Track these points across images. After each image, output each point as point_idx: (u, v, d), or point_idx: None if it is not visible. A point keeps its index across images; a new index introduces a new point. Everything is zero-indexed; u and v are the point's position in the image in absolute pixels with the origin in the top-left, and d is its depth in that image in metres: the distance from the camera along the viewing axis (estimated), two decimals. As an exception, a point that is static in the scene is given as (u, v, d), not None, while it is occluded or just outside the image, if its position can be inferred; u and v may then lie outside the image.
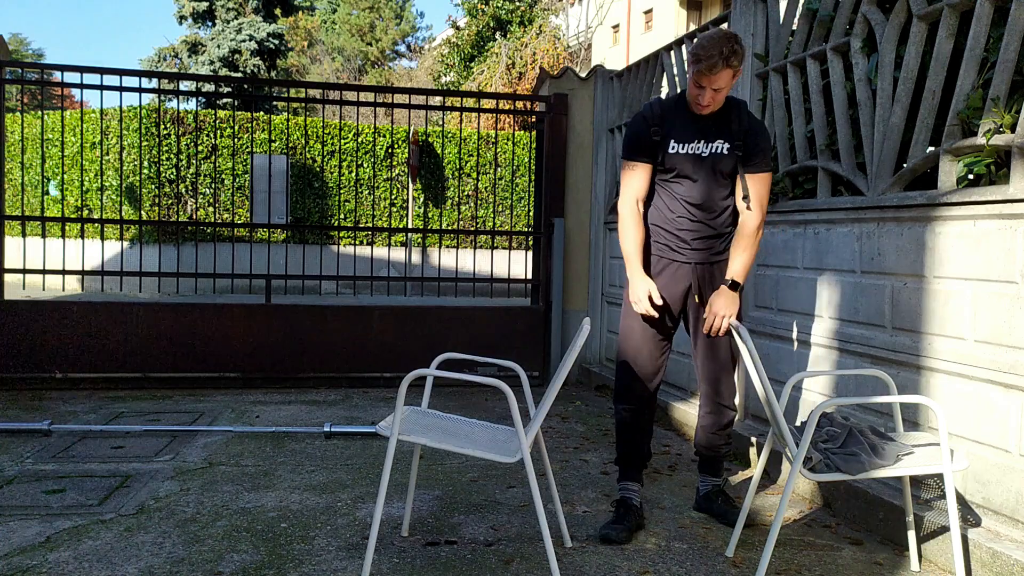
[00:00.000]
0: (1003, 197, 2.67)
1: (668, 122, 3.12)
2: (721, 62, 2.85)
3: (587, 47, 22.84)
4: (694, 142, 3.07)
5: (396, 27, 38.33)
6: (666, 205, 3.17)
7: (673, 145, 3.09)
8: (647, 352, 3.15)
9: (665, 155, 3.11)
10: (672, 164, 3.12)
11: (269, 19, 26.76)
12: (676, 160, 3.10)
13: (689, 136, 3.08)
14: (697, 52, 2.90)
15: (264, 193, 11.21)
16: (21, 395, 5.25)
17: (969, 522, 2.73)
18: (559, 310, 6.18)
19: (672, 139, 3.10)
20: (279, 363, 5.76)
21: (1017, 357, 2.62)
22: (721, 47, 2.85)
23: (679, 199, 3.12)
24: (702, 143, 3.07)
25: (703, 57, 2.86)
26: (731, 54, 2.86)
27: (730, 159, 3.05)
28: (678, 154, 3.09)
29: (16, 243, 11.56)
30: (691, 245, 3.12)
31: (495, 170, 7.52)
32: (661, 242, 3.19)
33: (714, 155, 3.06)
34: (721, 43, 2.87)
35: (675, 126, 3.11)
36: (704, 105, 2.98)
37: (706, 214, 3.10)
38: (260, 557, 2.70)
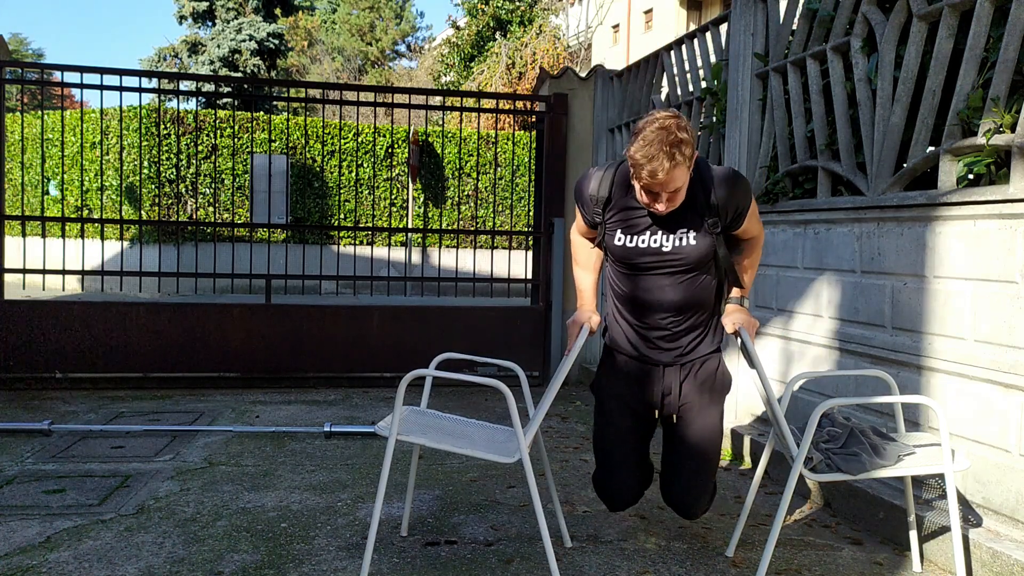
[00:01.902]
0: (1003, 197, 2.67)
1: (616, 204, 2.56)
2: (667, 161, 2.25)
3: (587, 47, 22.84)
4: (648, 234, 2.53)
5: (396, 27, 38.32)
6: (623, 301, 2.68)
7: (620, 237, 2.56)
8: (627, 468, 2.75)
9: (613, 245, 2.58)
10: (624, 258, 2.59)
11: (269, 19, 26.77)
12: (628, 255, 2.57)
13: (642, 227, 2.53)
14: (633, 157, 2.29)
15: (264, 193, 11.21)
16: (21, 395, 5.25)
17: (969, 522, 2.73)
18: (559, 310, 6.18)
19: (619, 230, 2.56)
20: (279, 363, 5.76)
21: (1017, 357, 2.62)
22: (661, 144, 2.24)
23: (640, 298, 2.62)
24: (660, 235, 2.52)
25: (642, 163, 2.27)
26: (675, 146, 2.25)
27: (702, 248, 2.51)
28: (627, 247, 2.56)
29: (16, 243, 11.55)
30: (659, 348, 2.65)
31: (495, 170, 7.51)
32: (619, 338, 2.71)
33: (680, 249, 2.51)
34: (659, 137, 2.24)
35: (625, 209, 2.55)
36: (662, 212, 2.41)
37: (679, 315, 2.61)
38: (260, 557, 2.70)
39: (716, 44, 4.75)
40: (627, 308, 2.67)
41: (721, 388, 2.71)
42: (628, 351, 2.70)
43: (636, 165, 2.30)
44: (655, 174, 2.27)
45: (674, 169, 2.27)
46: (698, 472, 2.68)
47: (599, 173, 2.60)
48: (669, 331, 2.62)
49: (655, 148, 2.24)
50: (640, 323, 2.65)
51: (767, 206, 4.06)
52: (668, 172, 2.27)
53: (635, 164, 2.30)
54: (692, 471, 2.67)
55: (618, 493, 2.77)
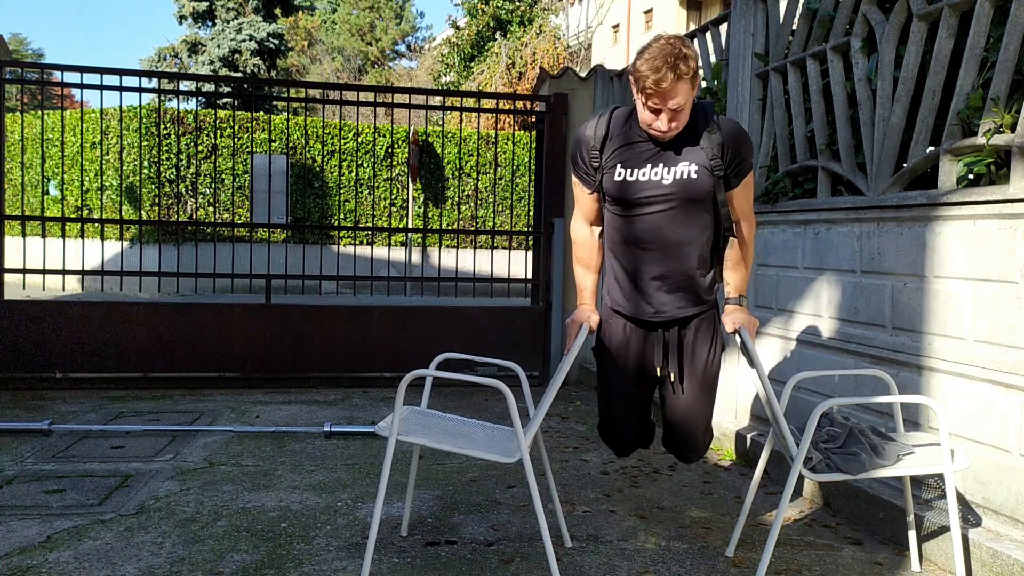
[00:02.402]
0: (1003, 197, 2.67)
1: (615, 140, 2.56)
2: (670, 72, 2.30)
3: (587, 47, 22.84)
4: (648, 166, 2.52)
5: (396, 27, 38.32)
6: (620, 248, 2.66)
7: (620, 172, 2.54)
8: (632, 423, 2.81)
9: (611, 183, 2.56)
10: (622, 195, 2.55)
11: (269, 19, 26.77)
12: (627, 190, 2.54)
13: (642, 159, 2.52)
14: (638, 70, 2.35)
15: (264, 193, 11.21)
16: (21, 395, 5.25)
17: (969, 522, 2.73)
18: (559, 310, 6.18)
19: (619, 164, 2.54)
20: (279, 363, 5.76)
21: (1017, 357, 2.62)
22: (666, 56, 2.30)
23: (637, 241, 2.60)
24: (661, 167, 2.50)
25: (647, 73, 2.32)
26: (679, 59, 2.31)
27: (703, 183, 2.50)
28: (626, 182, 2.53)
29: (16, 243, 11.56)
30: (656, 299, 2.62)
31: (495, 170, 7.51)
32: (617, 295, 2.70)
33: (680, 181, 2.50)
34: (664, 50, 2.32)
35: (623, 145, 2.55)
36: (665, 132, 2.42)
37: (675, 258, 2.58)
38: (260, 557, 2.70)
39: (716, 44, 4.75)
40: (625, 258, 2.65)
41: (719, 344, 2.74)
42: (627, 311, 2.68)
43: (640, 76, 2.35)
44: (659, 83, 2.32)
45: (678, 81, 2.33)
46: (695, 420, 2.75)
47: (593, 120, 2.63)
48: (667, 279, 2.59)
49: (660, 60, 2.31)
50: (639, 272, 2.62)
51: (767, 206, 4.06)
52: (672, 83, 2.32)
53: (640, 75, 2.35)
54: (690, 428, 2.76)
55: (623, 442, 2.88)
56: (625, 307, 2.69)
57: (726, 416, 4.28)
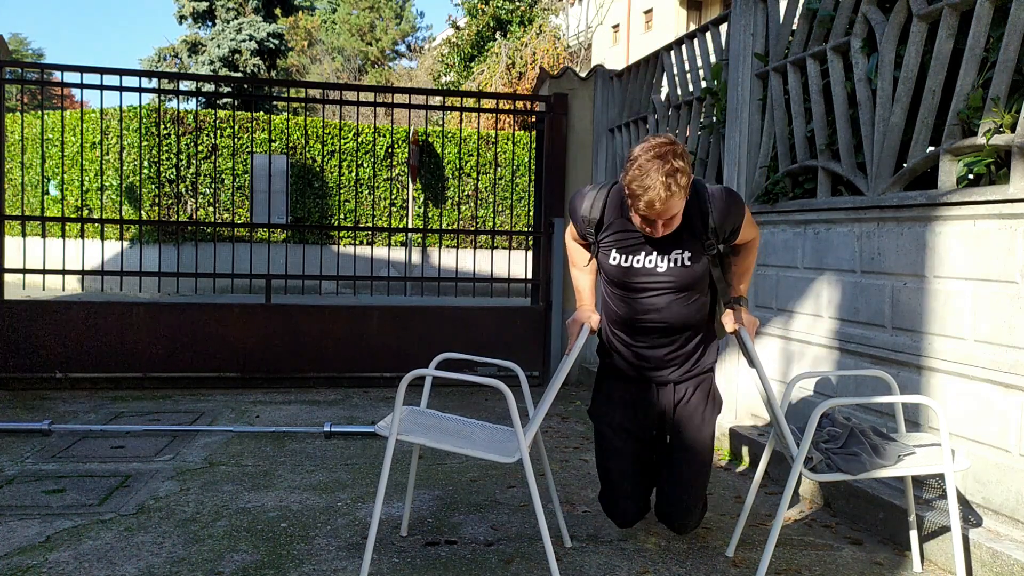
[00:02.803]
0: (1003, 197, 2.67)
1: (611, 226, 2.55)
2: (663, 191, 2.24)
3: (587, 47, 22.84)
4: (643, 254, 2.53)
5: (396, 27, 38.32)
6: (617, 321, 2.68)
7: (615, 256, 2.55)
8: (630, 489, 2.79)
9: (607, 265, 2.58)
10: (618, 278, 2.58)
11: (269, 19, 26.78)
12: (622, 275, 2.56)
13: (637, 247, 2.53)
14: (629, 187, 2.28)
15: (264, 193, 11.20)
16: (21, 395, 5.25)
17: (969, 522, 2.73)
18: (559, 310, 6.18)
19: (614, 249, 2.55)
20: (279, 363, 5.76)
21: (1017, 357, 2.62)
22: (657, 173, 2.23)
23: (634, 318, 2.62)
24: (655, 256, 2.52)
25: (638, 193, 2.26)
26: (671, 176, 2.23)
27: (698, 268, 2.52)
28: (621, 267, 2.55)
29: (16, 243, 11.55)
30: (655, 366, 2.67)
31: (495, 170, 7.51)
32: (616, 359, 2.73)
33: (675, 269, 2.51)
34: (655, 166, 2.23)
35: (619, 231, 2.53)
36: (659, 236, 2.41)
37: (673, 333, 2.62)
38: (260, 557, 2.70)
39: (716, 44, 4.75)
40: (621, 329, 2.71)
41: (713, 408, 2.76)
42: (624, 372, 2.75)
43: (633, 196, 2.30)
44: (652, 204, 2.27)
45: (670, 199, 2.27)
46: (690, 490, 2.74)
47: (592, 194, 2.60)
48: (664, 351, 2.66)
49: (651, 179, 2.24)
50: (635, 344, 2.69)
51: (767, 206, 4.06)
52: (665, 202, 2.27)
53: (632, 195, 2.30)
54: (684, 489, 2.73)
55: (624, 513, 2.84)
56: (624, 370, 2.75)
57: (726, 416, 4.28)
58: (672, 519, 2.80)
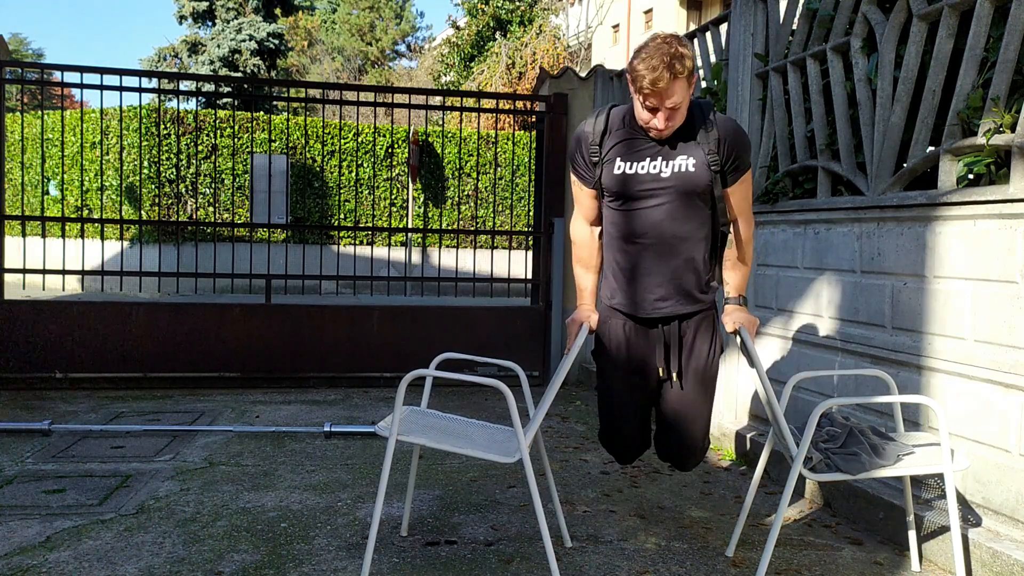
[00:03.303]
0: (1003, 197, 2.67)
1: (614, 135, 2.59)
2: (666, 71, 2.32)
3: (587, 47, 22.84)
4: (647, 160, 2.54)
5: (396, 27, 38.32)
6: (618, 244, 2.66)
7: (619, 165, 2.57)
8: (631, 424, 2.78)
9: (610, 177, 2.59)
10: (621, 188, 2.58)
11: (269, 19, 26.78)
12: (626, 183, 2.56)
13: (641, 154, 2.55)
14: (635, 69, 2.37)
15: (264, 193, 11.20)
16: (21, 395, 5.25)
17: (969, 522, 2.73)
18: (559, 310, 6.18)
19: (619, 158, 2.57)
20: (279, 363, 5.76)
21: (1017, 357, 2.62)
22: (662, 55, 2.33)
23: (635, 236, 2.60)
24: (660, 161, 2.53)
25: (643, 73, 2.35)
26: (675, 58, 2.33)
27: (701, 177, 2.53)
28: (625, 175, 2.56)
29: (16, 243, 11.55)
30: (655, 294, 2.62)
31: (495, 170, 7.52)
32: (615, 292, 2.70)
33: (678, 175, 2.52)
34: (660, 49, 2.34)
35: (624, 140, 2.57)
36: (662, 130, 2.46)
37: (673, 253, 2.59)
38: (260, 557, 2.70)
39: (716, 44, 4.75)
40: (624, 254, 2.65)
41: (716, 345, 2.72)
42: (626, 308, 2.68)
43: (637, 75, 2.38)
44: (656, 83, 2.34)
45: (674, 80, 2.35)
46: (692, 428, 2.72)
47: (591, 117, 2.67)
48: (663, 277, 2.60)
49: (656, 59, 2.34)
50: (637, 268, 2.63)
51: (767, 206, 4.06)
52: (668, 82, 2.35)
53: (637, 75, 2.38)
54: (686, 426, 2.72)
55: (624, 449, 2.84)
56: (623, 304, 2.69)
57: (726, 416, 4.28)
58: (675, 457, 2.81)
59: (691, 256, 2.61)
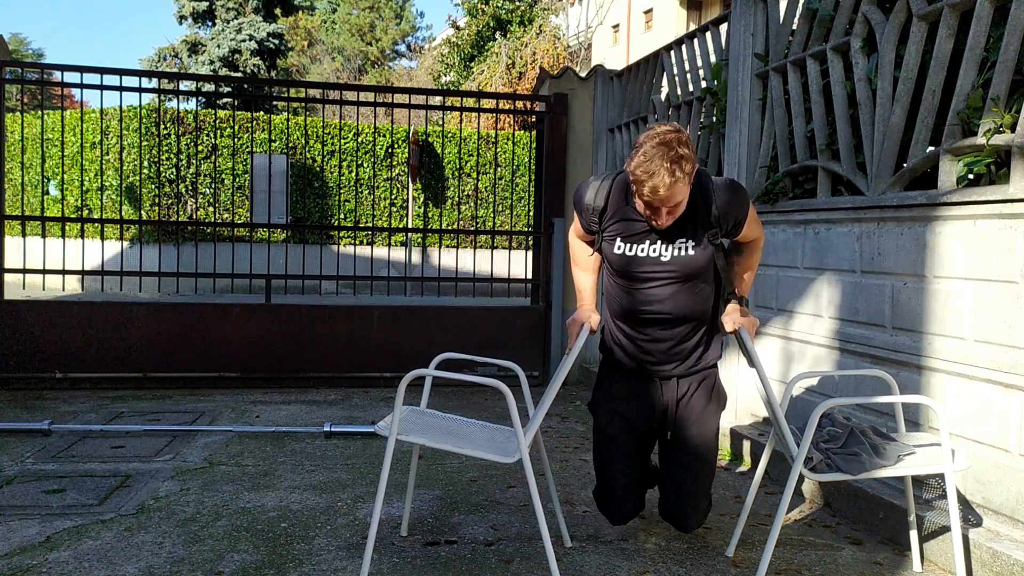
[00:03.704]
0: (1003, 197, 2.67)
1: (615, 215, 2.55)
2: (667, 177, 2.26)
3: (587, 47, 22.84)
4: (647, 243, 2.53)
5: (396, 27, 38.32)
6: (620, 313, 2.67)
7: (619, 245, 2.55)
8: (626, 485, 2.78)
9: (611, 254, 2.58)
10: (621, 268, 2.58)
11: (269, 19, 26.77)
12: (626, 264, 2.57)
13: (641, 236, 2.53)
14: (634, 173, 2.31)
15: (264, 193, 11.20)
16: (21, 395, 5.25)
17: (969, 522, 2.73)
18: (559, 310, 6.18)
19: (618, 238, 2.55)
20: (279, 363, 5.76)
21: (1017, 357, 2.62)
22: (661, 159, 2.25)
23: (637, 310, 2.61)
24: (660, 245, 2.52)
25: (643, 179, 2.28)
26: (675, 163, 2.26)
27: (701, 258, 2.52)
28: (625, 256, 2.55)
29: (16, 243, 11.55)
30: (657, 360, 2.65)
31: (495, 170, 7.52)
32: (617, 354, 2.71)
33: (679, 259, 2.52)
34: (659, 152, 2.26)
35: (623, 220, 2.55)
36: (662, 226, 2.43)
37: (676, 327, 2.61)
38: (260, 557, 2.70)
39: (716, 44, 4.75)
40: (625, 322, 2.69)
41: (717, 404, 2.75)
42: (626, 366, 2.73)
43: (637, 181, 2.32)
44: (656, 190, 2.29)
45: (675, 185, 2.29)
46: (694, 487, 2.73)
47: (596, 183, 2.62)
48: (666, 345, 2.64)
49: (656, 164, 2.26)
50: (638, 336, 2.67)
51: (767, 206, 4.06)
52: (669, 188, 2.29)
53: (636, 180, 2.32)
54: (688, 486, 2.73)
55: (619, 510, 2.83)
56: (627, 363, 2.73)
57: (726, 416, 4.26)
58: (676, 517, 2.80)
59: (694, 327, 2.65)
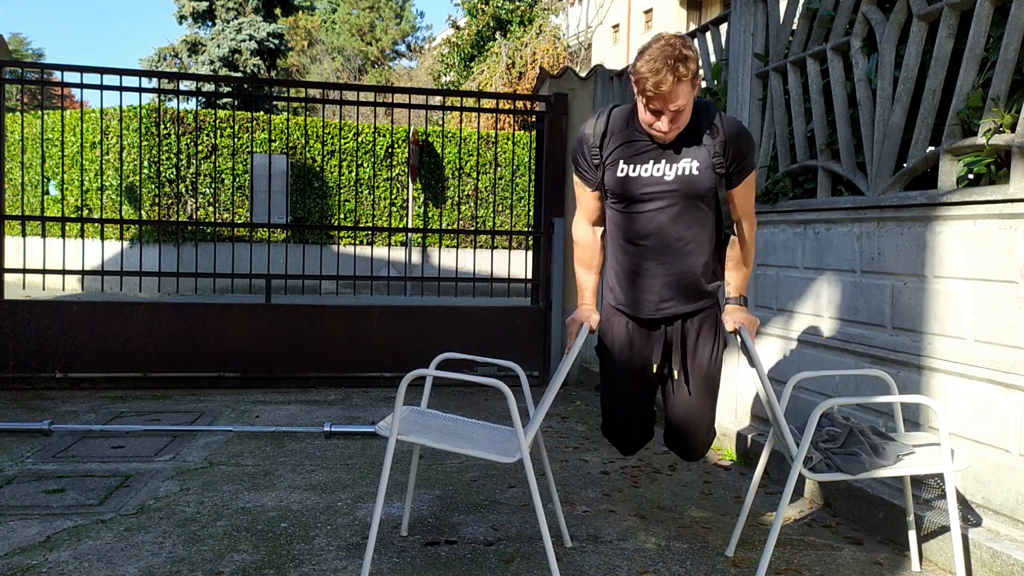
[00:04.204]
0: (1003, 197, 2.67)
1: (616, 137, 2.56)
2: (670, 75, 2.29)
3: (587, 47, 22.84)
4: (651, 163, 2.52)
5: (396, 27, 38.32)
6: (621, 245, 2.65)
7: (622, 167, 2.55)
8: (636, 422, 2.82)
9: (613, 180, 2.57)
10: (624, 191, 2.56)
11: (269, 19, 26.77)
12: (628, 186, 2.55)
13: (644, 156, 2.53)
14: (638, 71, 2.34)
15: (264, 193, 11.20)
16: (21, 395, 5.25)
17: (969, 522, 2.73)
18: (559, 310, 6.18)
19: (621, 160, 2.55)
20: (279, 363, 5.76)
21: (1017, 357, 2.62)
22: (666, 58, 2.29)
23: (638, 238, 2.59)
24: (663, 164, 2.51)
25: (646, 75, 2.31)
26: (679, 60, 2.30)
27: (705, 180, 2.51)
28: (628, 178, 2.54)
29: (16, 243, 11.55)
30: (658, 296, 2.62)
31: (495, 170, 7.52)
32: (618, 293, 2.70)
33: (682, 178, 2.51)
34: (664, 52, 2.31)
35: (626, 142, 2.55)
36: (666, 132, 2.43)
37: (676, 256, 2.59)
38: (260, 557, 2.70)
39: (716, 44, 4.75)
40: (627, 255, 2.64)
41: (720, 340, 2.73)
42: (629, 308, 2.69)
43: (641, 78, 2.35)
44: (659, 86, 2.32)
45: (678, 84, 2.33)
46: (698, 420, 2.76)
47: (592, 118, 2.65)
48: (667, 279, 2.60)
49: (659, 62, 2.31)
50: (640, 269, 2.62)
51: (767, 206, 4.06)
52: (672, 85, 2.32)
53: (640, 77, 2.35)
54: (694, 417, 2.76)
55: (626, 441, 2.88)
56: (626, 305, 2.69)
57: (726, 416, 4.28)
58: (682, 447, 2.85)
59: (694, 257, 2.60)
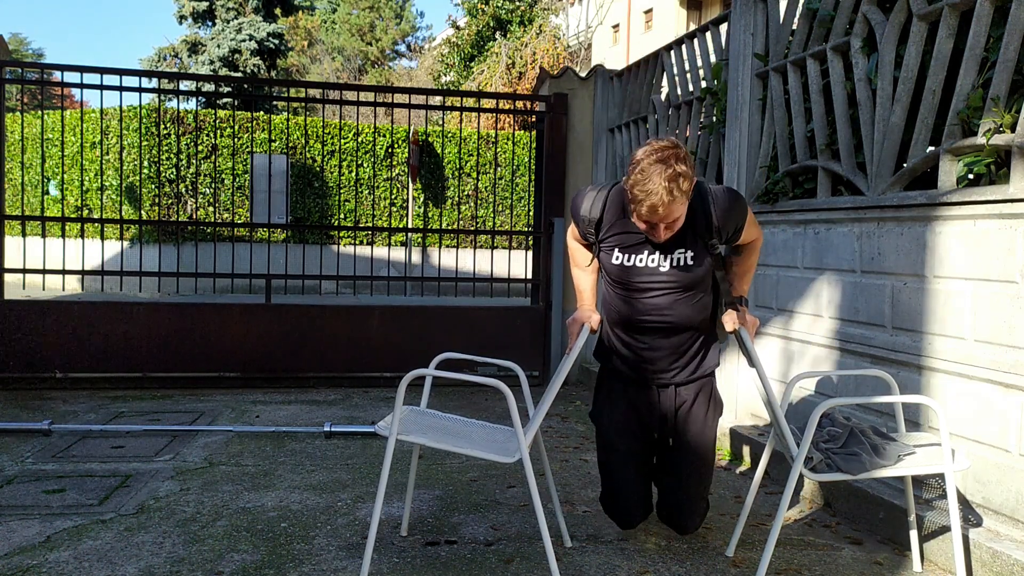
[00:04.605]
0: (1003, 197, 2.67)
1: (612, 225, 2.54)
2: (665, 196, 2.23)
3: (587, 47, 22.83)
4: (645, 253, 2.52)
5: (396, 27, 38.31)
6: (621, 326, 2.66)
7: (618, 256, 2.54)
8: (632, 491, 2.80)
9: (610, 264, 2.57)
10: (621, 279, 2.57)
11: (269, 19, 26.76)
12: (625, 275, 2.56)
13: (640, 247, 2.52)
14: (632, 191, 2.28)
15: (264, 193, 11.20)
16: (21, 395, 5.25)
17: (969, 522, 2.73)
18: (559, 310, 6.18)
19: (617, 248, 2.54)
20: (279, 363, 5.76)
21: (1017, 357, 2.62)
22: (660, 178, 2.21)
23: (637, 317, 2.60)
24: (658, 255, 2.51)
25: (640, 198, 2.25)
26: (673, 181, 2.22)
27: (700, 268, 2.52)
28: (624, 267, 2.54)
29: (16, 243, 11.55)
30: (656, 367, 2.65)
31: (495, 170, 7.52)
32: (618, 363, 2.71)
33: (678, 269, 2.51)
34: (657, 171, 2.22)
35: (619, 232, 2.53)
36: (660, 240, 2.42)
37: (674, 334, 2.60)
38: (260, 557, 2.70)
39: (716, 44, 4.75)
40: (623, 330, 2.70)
41: (715, 411, 2.78)
42: (625, 374, 2.75)
43: (635, 200, 2.29)
44: (655, 209, 2.26)
45: (672, 204, 2.27)
46: (693, 492, 2.77)
47: (592, 194, 2.60)
48: (665, 353, 2.65)
49: (653, 183, 2.23)
50: (637, 344, 2.68)
51: (767, 206, 4.06)
52: (667, 207, 2.27)
53: (634, 199, 2.29)
54: (688, 491, 2.77)
55: (626, 515, 2.86)
56: (623, 370, 2.74)
57: (726, 416, 4.27)
58: (675, 520, 2.84)
59: (693, 333, 2.65)
